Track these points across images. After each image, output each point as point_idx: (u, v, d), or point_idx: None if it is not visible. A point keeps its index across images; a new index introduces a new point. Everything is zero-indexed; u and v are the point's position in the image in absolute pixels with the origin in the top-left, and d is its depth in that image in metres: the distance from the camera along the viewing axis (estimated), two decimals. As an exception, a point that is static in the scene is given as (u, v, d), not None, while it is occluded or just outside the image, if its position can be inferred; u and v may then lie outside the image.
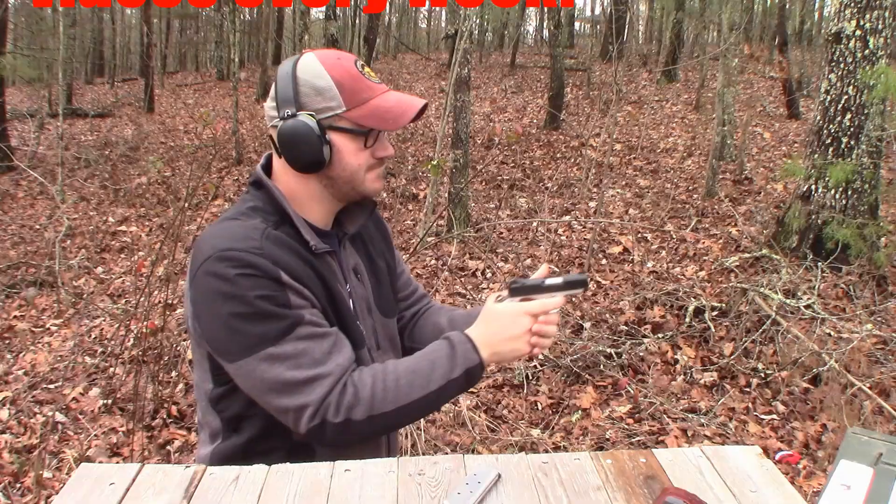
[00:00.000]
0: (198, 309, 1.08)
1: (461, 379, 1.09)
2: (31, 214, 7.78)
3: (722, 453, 1.09)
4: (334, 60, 1.12)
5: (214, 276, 1.04)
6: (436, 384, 1.08)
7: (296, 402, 1.04)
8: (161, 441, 3.12)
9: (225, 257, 1.04)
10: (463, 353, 1.10)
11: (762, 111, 11.57)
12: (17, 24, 13.25)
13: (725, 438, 3.08)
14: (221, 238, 1.08)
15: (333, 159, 1.11)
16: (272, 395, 1.05)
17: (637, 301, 4.49)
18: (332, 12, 7.95)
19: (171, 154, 10.47)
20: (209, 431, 1.19)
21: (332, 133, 1.10)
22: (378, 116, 1.11)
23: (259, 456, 1.10)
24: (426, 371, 1.09)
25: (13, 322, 4.66)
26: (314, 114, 1.09)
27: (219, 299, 1.04)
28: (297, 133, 1.08)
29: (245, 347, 1.04)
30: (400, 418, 1.09)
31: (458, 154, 6.22)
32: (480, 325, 1.13)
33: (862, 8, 4.66)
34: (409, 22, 30.86)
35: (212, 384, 1.15)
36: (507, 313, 1.11)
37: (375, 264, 1.29)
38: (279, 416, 1.07)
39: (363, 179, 1.15)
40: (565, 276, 1.10)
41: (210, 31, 25.63)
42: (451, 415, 3.25)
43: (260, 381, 1.04)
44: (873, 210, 4.92)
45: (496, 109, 12.94)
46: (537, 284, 1.11)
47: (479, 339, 1.11)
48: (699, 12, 13.27)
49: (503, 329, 1.10)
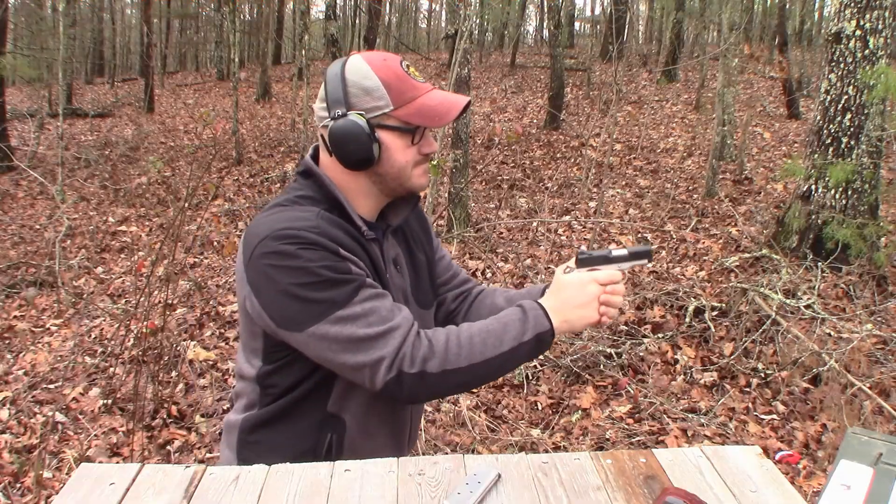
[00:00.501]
0: (258, 288, 1.10)
1: (532, 343, 1.12)
2: (31, 214, 7.78)
3: (722, 453, 1.10)
4: (381, 62, 1.16)
5: (275, 254, 1.07)
6: (507, 345, 1.11)
7: (371, 356, 1.06)
8: (161, 441, 3.12)
9: (283, 235, 1.08)
10: (534, 318, 1.13)
11: (762, 111, 11.57)
12: (17, 24, 13.26)
13: (725, 438, 3.08)
14: (276, 221, 1.11)
15: (382, 156, 1.16)
16: (347, 355, 1.07)
17: (637, 301, 4.49)
18: (332, 12, 7.95)
19: (171, 154, 10.47)
20: (245, 402, 1.23)
21: (380, 131, 1.15)
22: (425, 114, 1.15)
23: (290, 425, 1.16)
24: (499, 332, 1.11)
25: (13, 322, 4.66)
26: (363, 113, 1.13)
27: (282, 273, 1.07)
28: (349, 132, 1.12)
29: (315, 314, 1.07)
30: (471, 376, 1.11)
31: (458, 154, 6.22)
32: (550, 295, 1.17)
33: (862, 8, 4.66)
34: (409, 22, 30.87)
35: (261, 362, 1.18)
36: (576, 282, 1.15)
37: (415, 257, 1.33)
38: (354, 374, 1.09)
39: (410, 175, 1.19)
40: (631, 248, 1.17)
41: (210, 31, 25.64)
42: (451, 415, 3.25)
43: (334, 342, 1.07)
44: (873, 210, 4.92)
45: (496, 109, 12.94)
46: (604, 255, 1.16)
47: (549, 306, 1.14)
48: (699, 12, 13.28)
49: (573, 297, 1.14)
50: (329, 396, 1.18)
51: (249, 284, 1.11)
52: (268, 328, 1.12)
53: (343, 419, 1.18)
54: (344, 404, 1.19)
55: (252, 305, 1.12)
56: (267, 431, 1.20)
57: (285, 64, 22.51)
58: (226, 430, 1.27)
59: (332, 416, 1.18)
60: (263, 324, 1.12)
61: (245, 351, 1.21)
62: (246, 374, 1.21)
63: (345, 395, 1.18)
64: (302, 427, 1.18)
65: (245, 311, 1.15)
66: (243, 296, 1.14)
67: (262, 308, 1.10)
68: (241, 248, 1.14)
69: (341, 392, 1.18)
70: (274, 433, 1.19)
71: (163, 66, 21.95)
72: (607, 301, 1.15)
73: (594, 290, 1.14)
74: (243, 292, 1.13)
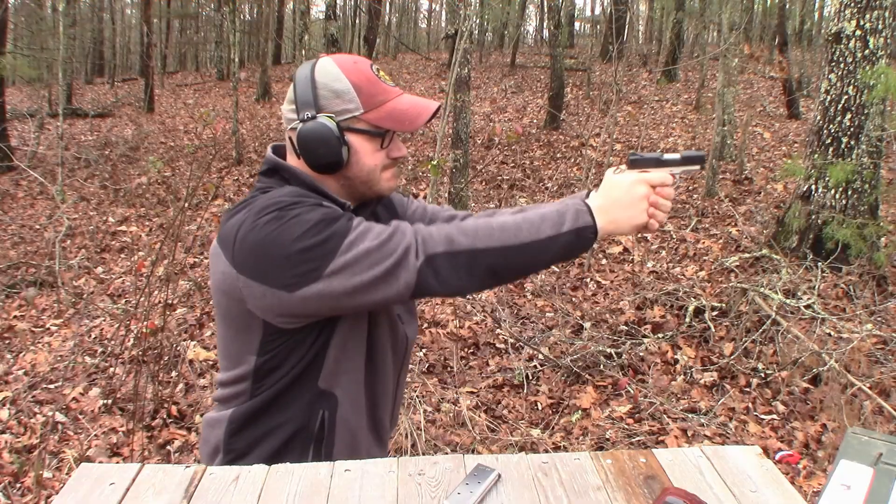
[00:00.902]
0: (257, 269, 1.06)
1: (571, 236, 1.07)
2: (31, 214, 7.78)
3: (722, 453, 1.09)
4: (351, 64, 1.15)
5: (262, 226, 1.05)
6: (545, 234, 1.06)
7: (396, 251, 1.04)
8: (161, 441, 3.12)
9: (261, 210, 1.07)
10: (575, 212, 1.08)
11: (762, 111, 11.57)
12: (17, 23, 13.25)
13: (725, 438, 3.08)
14: (248, 211, 1.09)
15: (351, 160, 1.15)
16: (371, 269, 1.03)
17: (637, 301, 4.49)
18: (332, 12, 7.95)
19: (171, 154, 10.47)
20: (232, 398, 1.20)
21: (349, 134, 1.14)
22: (395, 118, 1.14)
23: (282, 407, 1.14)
24: (536, 221, 1.08)
25: (13, 322, 4.66)
26: (333, 116, 1.13)
27: (278, 237, 1.04)
28: (318, 135, 1.12)
29: (327, 252, 1.03)
30: (504, 260, 1.07)
31: (458, 154, 6.23)
32: (598, 195, 1.12)
33: (862, 8, 4.66)
34: (409, 22, 30.87)
35: (257, 356, 1.15)
36: (625, 181, 1.11)
37: None
38: (388, 284, 1.04)
39: (378, 179, 1.19)
40: (683, 152, 1.14)
41: (210, 31, 25.65)
42: (451, 415, 3.25)
43: (355, 265, 1.03)
44: (873, 210, 4.92)
45: (496, 109, 12.94)
46: (656, 158, 1.14)
47: (596, 205, 1.10)
48: (699, 12, 13.28)
49: (621, 197, 1.10)
50: (320, 373, 1.16)
51: (245, 274, 1.07)
52: (275, 308, 1.08)
53: (334, 394, 1.17)
54: (334, 379, 1.17)
55: (255, 293, 1.08)
56: (259, 419, 1.18)
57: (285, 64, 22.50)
58: (208, 428, 1.23)
59: (322, 392, 1.16)
60: (271, 304, 1.08)
61: (232, 357, 1.18)
62: (235, 377, 1.18)
63: (335, 368, 1.17)
64: (294, 407, 1.16)
65: (235, 314, 1.13)
66: (237, 297, 1.10)
67: (271, 282, 1.06)
68: (219, 251, 1.11)
69: (332, 366, 1.16)
70: (267, 418, 1.17)
71: (163, 66, 21.95)
72: (656, 203, 1.12)
73: (643, 190, 1.10)
74: (236, 293, 1.10)
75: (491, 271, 1.07)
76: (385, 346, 1.24)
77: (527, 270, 1.12)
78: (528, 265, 1.10)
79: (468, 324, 4.36)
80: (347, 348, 1.17)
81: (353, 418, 1.21)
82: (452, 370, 3.77)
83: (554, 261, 1.11)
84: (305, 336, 1.13)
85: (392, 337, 1.25)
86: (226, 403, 1.22)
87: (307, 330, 1.13)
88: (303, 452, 1.18)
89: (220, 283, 1.12)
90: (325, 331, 1.14)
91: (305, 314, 1.10)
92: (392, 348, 1.26)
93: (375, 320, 1.21)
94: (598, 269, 5.33)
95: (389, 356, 1.26)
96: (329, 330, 1.14)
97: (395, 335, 1.26)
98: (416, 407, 3.20)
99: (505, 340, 4.12)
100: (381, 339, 1.23)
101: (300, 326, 1.12)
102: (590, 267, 5.30)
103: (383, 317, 1.22)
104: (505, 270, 1.09)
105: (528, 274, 1.16)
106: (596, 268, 5.34)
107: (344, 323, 1.16)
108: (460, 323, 4.35)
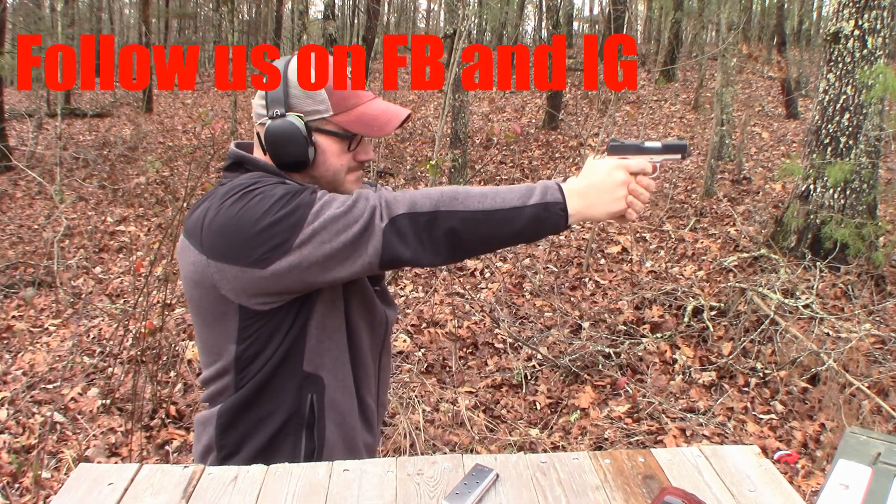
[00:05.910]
0: (227, 252, 1.07)
1: (538, 209, 1.06)
2: (30, 214, 7.77)
3: (720, 453, 1.10)
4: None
5: (228, 208, 1.07)
6: (510, 204, 1.06)
7: (361, 216, 1.04)
8: (160, 441, 3.12)
9: (226, 194, 1.09)
10: (544, 188, 1.08)
11: (760, 111, 11.57)
12: (16, 23, 13.23)
13: (724, 438, 3.09)
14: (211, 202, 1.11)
15: (317, 160, 1.16)
16: (339, 235, 1.04)
17: (635, 301, 4.50)
18: (331, 12, 7.95)
19: (170, 154, 10.46)
20: (218, 395, 1.20)
21: (317, 135, 1.15)
22: (364, 123, 1.15)
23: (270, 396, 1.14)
24: (503, 192, 1.08)
25: (11, 322, 4.65)
26: (302, 115, 1.13)
27: (245, 215, 1.05)
28: (285, 133, 1.12)
29: (294, 224, 1.04)
30: (467, 224, 1.06)
31: (457, 154, 6.23)
32: (577, 179, 1.12)
33: (860, 8, 4.66)
34: (408, 22, 30.86)
35: (236, 344, 1.14)
36: (604, 166, 1.10)
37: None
38: (357, 249, 1.05)
39: (343, 180, 1.20)
40: (665, 140, 1.13)
41: (208, 30, 25.61)
42: (449, 415, 3.25)
43: (323, 232, 1.04)
44: (871, 210, 4.92)
45: (494, 109, 12.95)
46: (636, 145, 1.13)
47: (571, 188, 1.09)
48: (697, 12, 13.28)
49: (598, 181, 1.09)
50: (303, 357, 1.16)
51: (216, 258, 1.08)
52: (250, 288, 1.08)
53: (320, 376, 1.17)
54: (319, 361, 1.17)
55: (228, 275, 1.08)
56: (248, 410, 1.18)
57: (284, 64, 22.45)
58: (199, 427, 1.23)
59: (308, 375, 1.16)
60: (245, 284, 1.08)
61: (211, 350, 1.18)
62: (217, 372, 1.18)
63: (318, 349, 1.17)
64: (282, 395, 1.16)
65: (208, 304, 1.13)
66: (208, 285, 1.10)
67: (242, 261, 1.06)
68: (187, 244, 1.12)
69: (314, 347, 1.16)
70: (256, 409, 1.17)
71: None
72: (635, 191, 1.10)
73: (621, 176, 1.09)
74: (208, 280, 1.10)
75: (453, 235, 1.06)
76: (362, 325, 1.24)
77: (490, 241, 1.10)
78: (492, 235, 1.08)
79: (467, 323, 4.36)
80: (327, 326, 1.17)
81: (342, 400, 1.21)
82: (451, 370, 3.77)
83: (521, 235, 1.09)
84: (283, 317, 1.13)
85: (370, 314, 1.25)
86: (213, 401, 1.21)
87: (284, 310, 1.12)
88: (296, 440, 1.18)
89: (192, 273, 1.12)
90: (302, 310, 1.14)
91: (280, 290, 1.10)
92: (370, 326, 1.26)
93: (351, 297, 1.20)
94: (596, 268, 5.34)
95: (367, 335, 1.25)
96: (307, 309, 1.14)
97: (373, 313, 1.26)
98: (414, 407, 3.20)
99: (503, 340, 4.12)
100: (359, 316, 1.22)
101: (277, 307, 1.11)
102: (588, 267, 5.30)
103: (359, 294, 1.22)
104: (469, 237, 1.07)
105: (493, 245, 1.12)
106: (594, 267, 5.34)
107: (321, 301, 1.15)
108: (459, 323, 4.35)
